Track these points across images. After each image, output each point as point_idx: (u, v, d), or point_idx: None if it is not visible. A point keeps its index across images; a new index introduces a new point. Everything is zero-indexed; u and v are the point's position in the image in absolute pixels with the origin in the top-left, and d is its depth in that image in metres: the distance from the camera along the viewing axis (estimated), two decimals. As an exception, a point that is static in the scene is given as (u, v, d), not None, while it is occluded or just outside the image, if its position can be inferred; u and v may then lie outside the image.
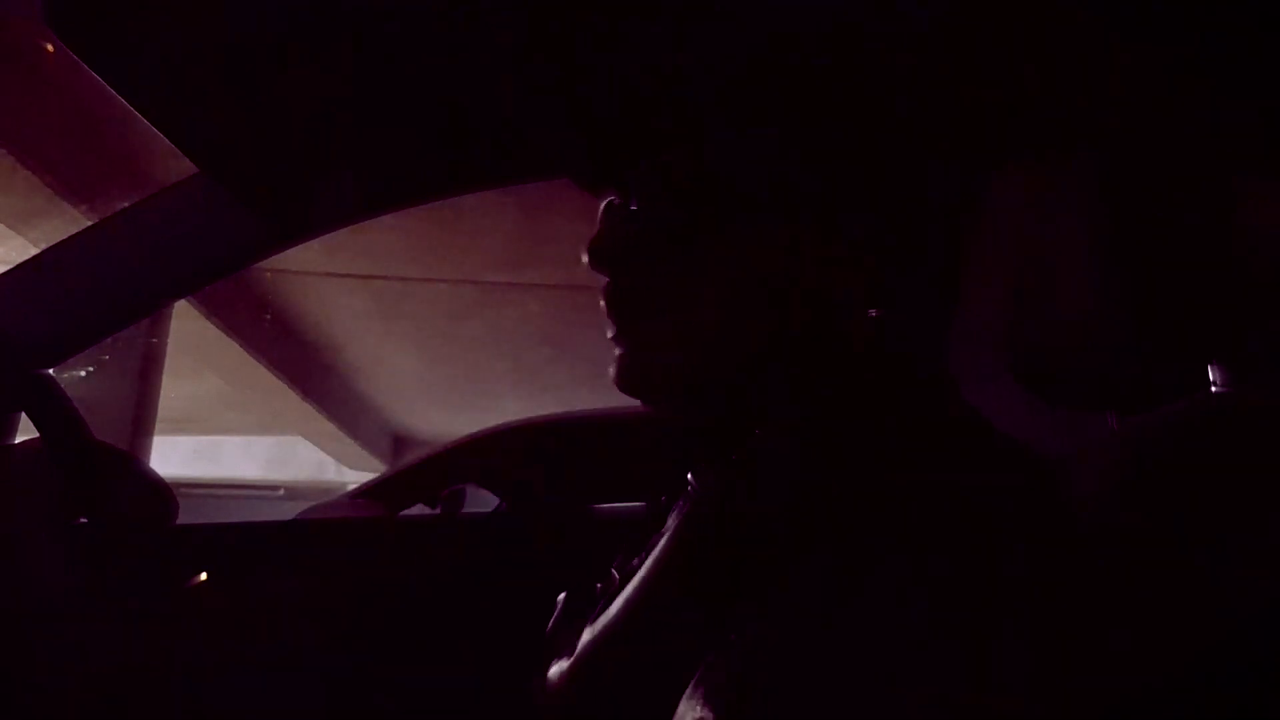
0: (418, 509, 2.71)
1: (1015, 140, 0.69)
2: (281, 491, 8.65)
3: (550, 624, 0.69)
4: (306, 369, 6.67)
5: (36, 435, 0.87)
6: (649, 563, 0.57)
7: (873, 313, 0.57)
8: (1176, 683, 0.39)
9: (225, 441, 9.02)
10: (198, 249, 1.01)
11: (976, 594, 0.43)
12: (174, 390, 5.57)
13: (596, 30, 0.67)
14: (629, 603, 0.56)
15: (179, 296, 1.08)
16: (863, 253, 0.56)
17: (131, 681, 0.93)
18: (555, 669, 0.60)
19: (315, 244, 1.05)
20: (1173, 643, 0.40)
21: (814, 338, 0.57)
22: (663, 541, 0.58)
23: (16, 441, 0.92)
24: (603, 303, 0.62)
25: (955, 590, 0.43)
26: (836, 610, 0.44)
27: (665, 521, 0.62)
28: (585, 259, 0.63)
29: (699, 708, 0.44)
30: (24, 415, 0.90)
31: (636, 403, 0.65)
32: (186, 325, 5.19)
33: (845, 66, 0.61)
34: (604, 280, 0.62)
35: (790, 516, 0.50)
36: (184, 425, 8.07)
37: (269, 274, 5.22)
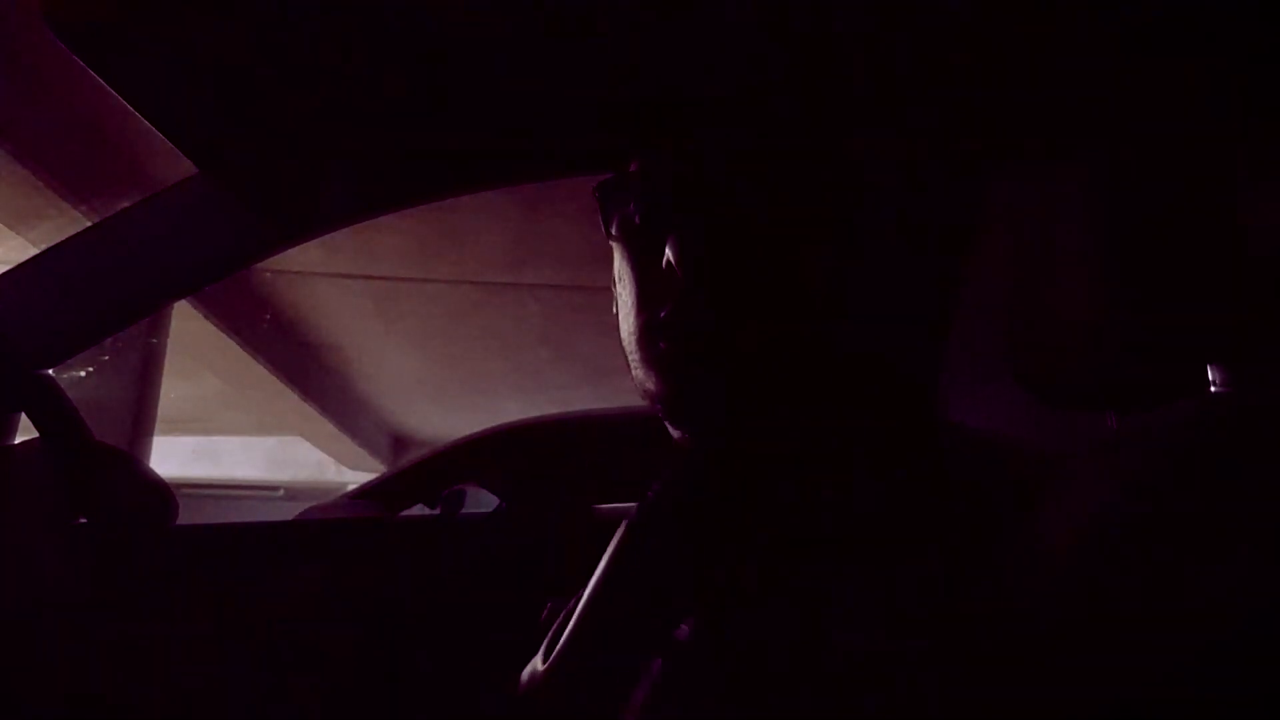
0: (418, 509, 2.71)
1: (1015, 141, 0.69)
2: (281, 492, 8.65)
3: (543, 615, 0.69)
4: (306, 369, 6.67)
5: (36, 435, 0.87)
6: (599, 568, 0.58)
7: (855, 321, 0.57)
8: (1175, 684, 0.39)
9: (225, 442, 9.01)
10: (198, 249, 1.01)
11: (941, 598, 0.43)
12: (174, 390, 5.56)
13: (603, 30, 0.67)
14: (582, 606, 0.58)
15: (179, 296, 1.07)
16: (847, 255, 0.56)
17: (131, 681, 0.93)
18: (528, 670, 0.60)
19: (315, 244, 1.05)
20: (1171, 644, 0.40)
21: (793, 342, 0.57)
22: (609, 549, 0.58)
23: (16, 441, 0.92)
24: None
25: (918, 594, 0.43)
26: (802, 613, 0.44)
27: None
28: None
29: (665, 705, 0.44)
30: (24, 415, 0.90)
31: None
32: (186, 325, 5.19)
33: (845, 70, 0.61)
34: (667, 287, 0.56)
35: (720, 519, 0.51)
36: (184, 425, 8.07)
37: (269, 274, 5.22)
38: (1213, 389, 0.58)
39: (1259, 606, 0.40)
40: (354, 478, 8.18)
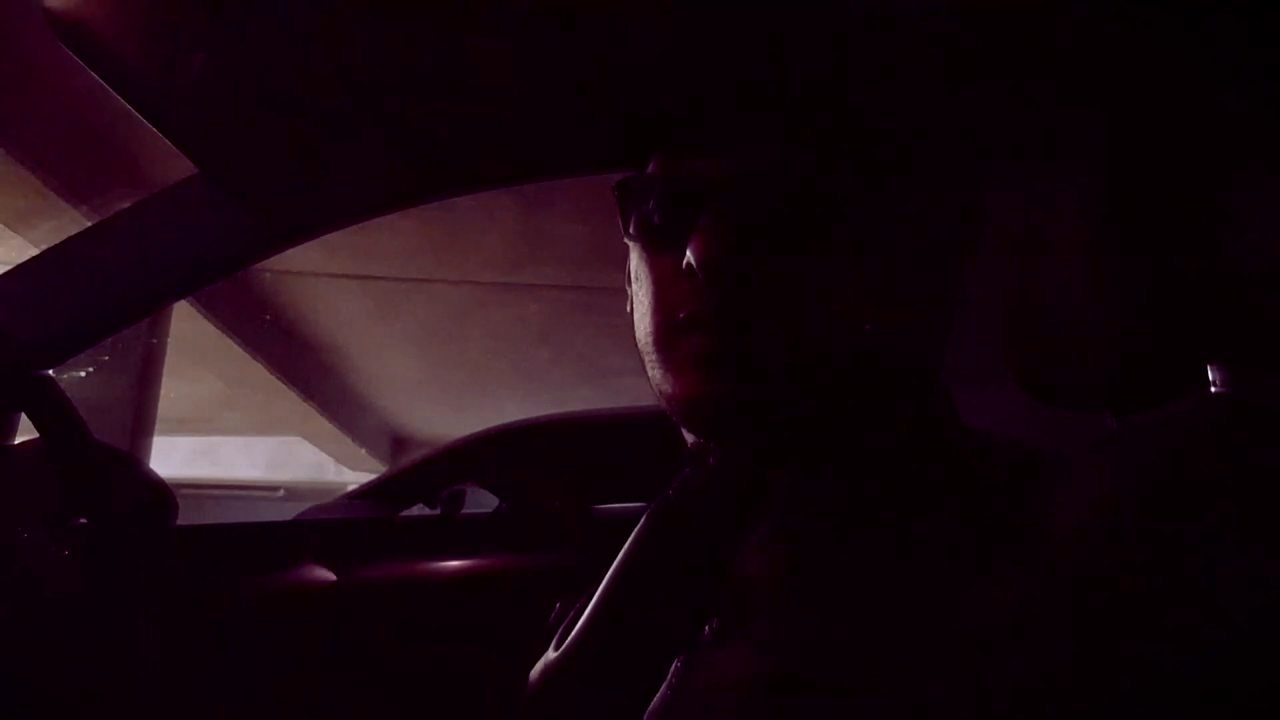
0: (418, 509, 2.71)
1: (1013, 144, 0.69)
2: (281, 492, 8.66)
3: (552, 617, 0.69)
4: (306, 369, 6.67)
5: (36, 435, 0.87)
6: (615, 564, 0.58)
7: (868, 326, 0.57)
8: (1174, 684, 0.39)
9: (225, 442, 9.02)
10: (198, 249, 1.01)
11: (953, 600, 0.43)
12: (174, 390, 5.57)
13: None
14: (597, 600, 0.57)
15: (179, 296, 1.07)
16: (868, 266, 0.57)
17: (131, 681, 0.94)
18: (539, 665, 0.60)
19: (315, 244, 1.05)
20: (1170, 645, 0.40)
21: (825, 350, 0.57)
22: (626, 546, 0.58)
23: (16, 441, 0.92)
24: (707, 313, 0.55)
25: (933, 594, 0.43)
26: (819, 609, 0.44)
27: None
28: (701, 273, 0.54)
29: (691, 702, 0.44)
30: (24, 415, 0.90)
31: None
32: (186, 325, 5.19)
33: (854, 74, 0.61)
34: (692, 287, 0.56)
35: (738, 520, 0.51)
36: (184, 425, 8.08)
37: (269, 274, 5.23)
38: (1213, 389, 0.58)
39: (1259, 607, 0.40)
40: (354, 478, 8.19)
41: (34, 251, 0.99)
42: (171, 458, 8.35)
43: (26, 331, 0.94)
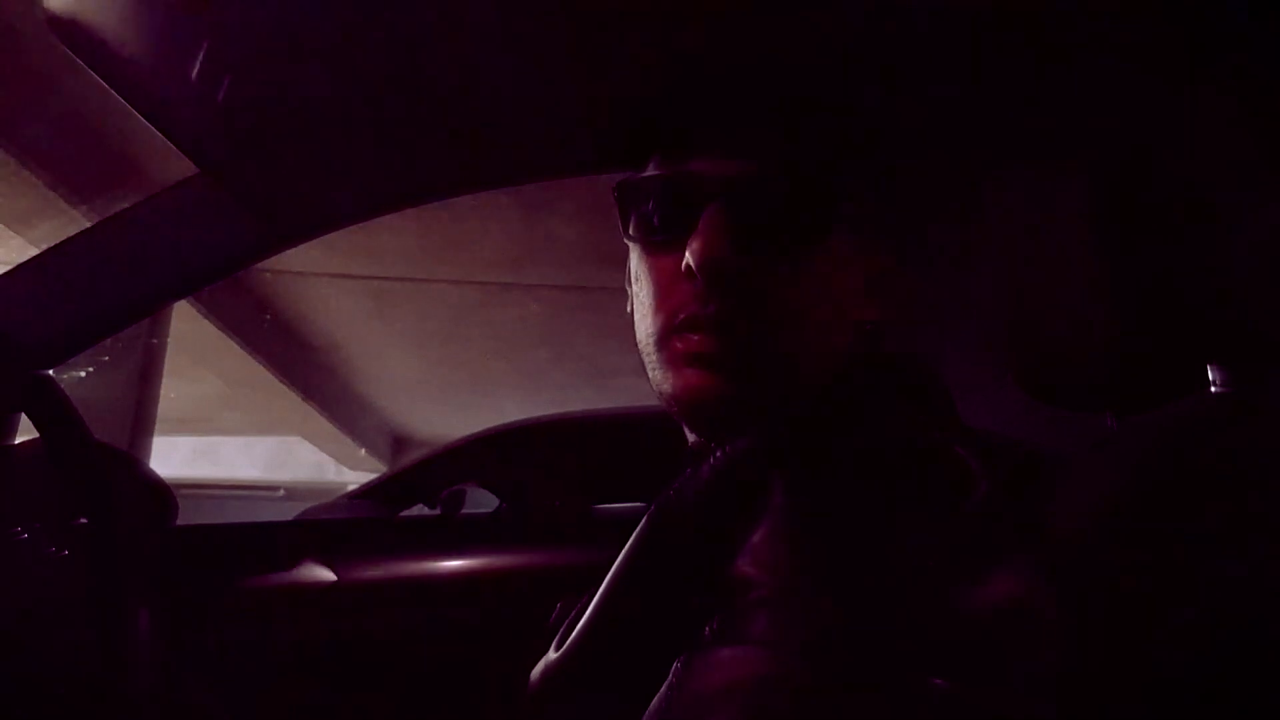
0: (418, 509, 2.71)
1: (1012, 144, 0.69)
2: (281, 492, 8.66)
3: (553, 617, 0.69)
4: (306, 369, 6.67)
5: (36, 435, 0.87)
6: (616, 563, 0.58)
7: (868, 325, 0.57)
8: (1174, 684, 0.39)
9: (225, 442, 9.02)
10: (198, 249, 1.01)
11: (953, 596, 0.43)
12: (174, 390, 5.57)
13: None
14: (598, 599, 0.57)
15: (179, 297, 1.07)
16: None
17: (130, 682, 0.94)
18: (540, 665, 0.60)
19: (315, 244, 1.05)
20: (1170, 645, 0.40)
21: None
22: (627, 545, 0.58)
23: (16, 441, 0.92)
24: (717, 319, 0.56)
25: (932, 589, 0.43)
26: (818, 605, 0.44)
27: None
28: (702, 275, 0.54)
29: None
30: (24, 415, 0.90)
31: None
32: (186, 325, 5.19)
33: (855, 74, 0.61)
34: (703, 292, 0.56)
35: (739, 519, 0.51)
36: (184, 425, 8.08)
37: (269, 274, 5.22)
38: (1213, 389, 0.58)
39: (1259, 607, 0.40)
40: (354, 478, 8.19)
41: (34, 251, 0.99)
42: (171, 458, 8.35)
43: (26, 331, 0.94)
